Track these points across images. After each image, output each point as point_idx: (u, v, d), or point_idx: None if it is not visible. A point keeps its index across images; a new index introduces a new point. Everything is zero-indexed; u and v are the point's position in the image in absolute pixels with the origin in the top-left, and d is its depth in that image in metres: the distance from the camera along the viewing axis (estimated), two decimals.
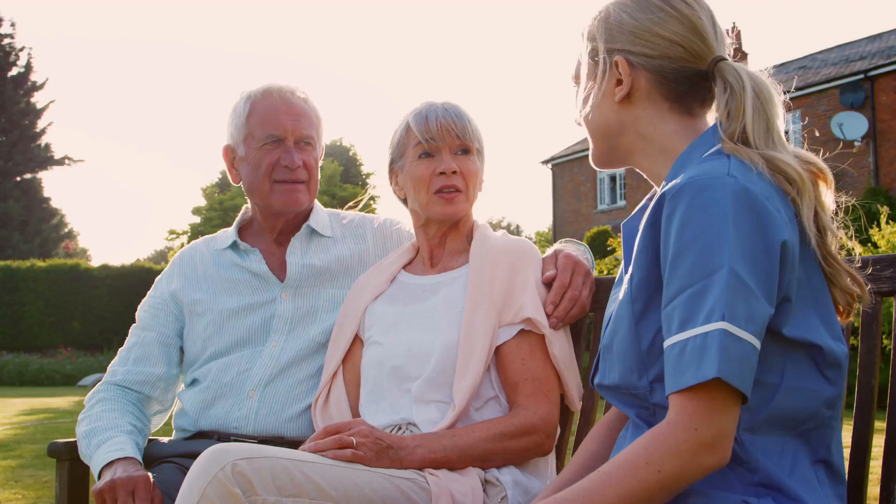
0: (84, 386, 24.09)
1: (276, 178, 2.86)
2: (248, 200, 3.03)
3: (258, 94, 2.90)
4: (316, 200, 3.04)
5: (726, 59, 1.90)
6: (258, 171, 2.87)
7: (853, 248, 1.87)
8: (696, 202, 1.65)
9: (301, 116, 2.90)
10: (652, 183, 1.99)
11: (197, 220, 40.17)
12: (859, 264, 1.89)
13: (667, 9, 1.92)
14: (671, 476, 1.58)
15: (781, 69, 33.55)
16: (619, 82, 1.95)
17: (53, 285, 30.97)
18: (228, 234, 3.04)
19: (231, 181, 3.03)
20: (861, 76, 27.52)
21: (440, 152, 2.57)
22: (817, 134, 28.01)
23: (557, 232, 37.61)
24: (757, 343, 1.59)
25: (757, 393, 1.68)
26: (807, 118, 28.70)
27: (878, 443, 2.13)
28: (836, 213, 1.85)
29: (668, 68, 1.91)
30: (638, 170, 2.03)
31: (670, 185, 1.72)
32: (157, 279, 3.09)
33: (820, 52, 33.50)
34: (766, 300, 1.61)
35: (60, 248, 47.77)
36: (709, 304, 1.59)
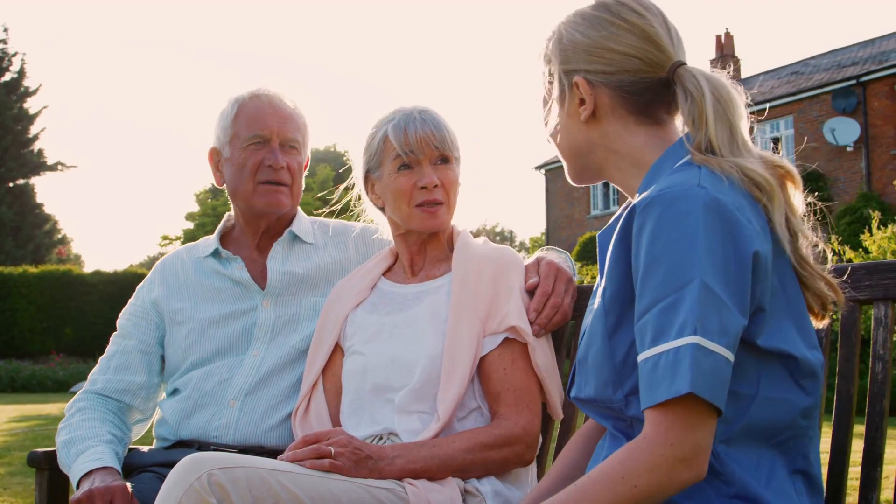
0: (75, 392, 23.98)
1: (259, 179, 2.85)
2: (231, 205, 3.02)
3: (246, 97, 2.91)
4: (299, 208, 3.04)
5: (684, 65, 1.89)
6: (242, 172, 2.86)
7: (825, 250, 1.86)
8: (666, 214, 1.64)
9: (287, 119, 2.90)
10: (627, 195, 1.98)
11: (190, 225, 40.20)
12: (831, 266, 1.89)
13: (617, 22, 1.91)
14: (647, 491, 1.57)
15: (774, 74, 33.64)
16: (582, 102, 1.93)
17: (45, 291, 30.88)
18: (210, 241, 3.02)
19: (215, 183, 3.03)
20: (853, 81, 27.57)
21: (420, 164, 2.54)
22: (808, 140, 28.04)
23: (551, 238, 37.61)
24: (730, 355, 1.58)
25: (732, 404, 1.67)
26: (799, 123, 28.75)
27: (858, 447, 2.12)
28: (807, 215, 1.84)
29: (628, 82, 1.90)
30: (613, 184, 2.02)
31: (641, 197, 1.71)
32: (138, 287, 3.08)
33: (812, 58, 33.55)
34: (738, 312, 1.61)
35: (53, 254, 47.66)
36: (681, 318, 1.58)
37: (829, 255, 1.88)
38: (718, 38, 37.55)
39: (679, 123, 1.94)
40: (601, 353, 1.81)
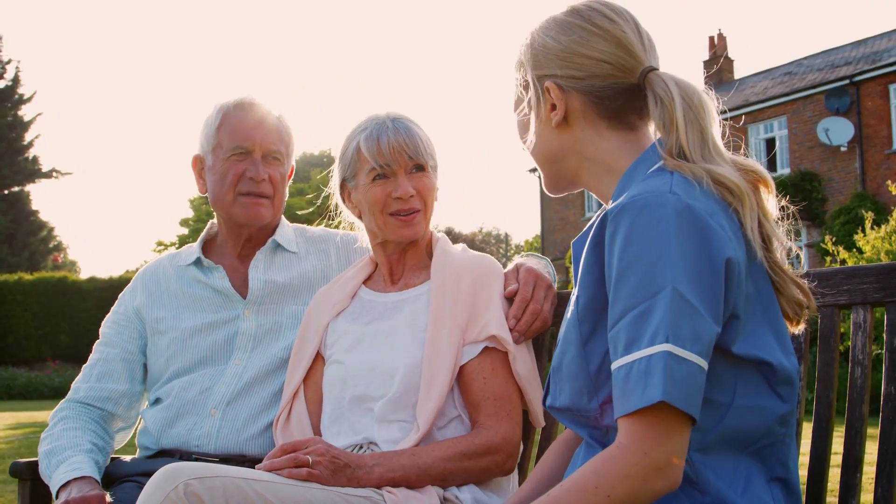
0: None
1: (240, 191, 2.84)
2: (214, 213, 3.01)
3: (230, 106, 2.89)
4: (283, 216, 3.02)
5: (655, 70, 1.87)
6: (224, 182, 2.85)
7: (799, 255, 1.85)
8: (637, 221, 1.64)
9: (271, 131, 2.88)
10: (601, 201, 1.98)
11: (185, 231, 40.11)
12: (812, 270, 1.89)
13: (588, 27, 1.90)
14: (621, 500, 1.57)
15: (767, 75, 33.65)
16: (554, 107, 1.93)
17: (41, 298, 30.87)
18: (192, 249, 3.01)
19: (198, 191, 3.02)
20: (846, 81, 27.57)
21: (394, 174, 2.52)
22: (801, 140, 28.07)
23: (545, 240, 37.59)
24: (703, 363, 1.57)
25: (708, 412, 1.66)
26: (793, 124, 28.76)
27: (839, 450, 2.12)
28: (781, 220, 1.83)
29: (599, 87, 1.89)
30: (588, 191, 2.01)
31: (613, 204, 1.70)
32: (120, 295, 3.07)
33: (805, 58, 33.55)
34: (711, 319, 1.60)
35: (49, 260, 47.61)
36: (653, 326, 1.57)
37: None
38: (711, 38, 37.57)
39: (652, 129, 1.93)
40: (575, 362, 1.80)
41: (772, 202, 1.82)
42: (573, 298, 1.84)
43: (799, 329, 1.86)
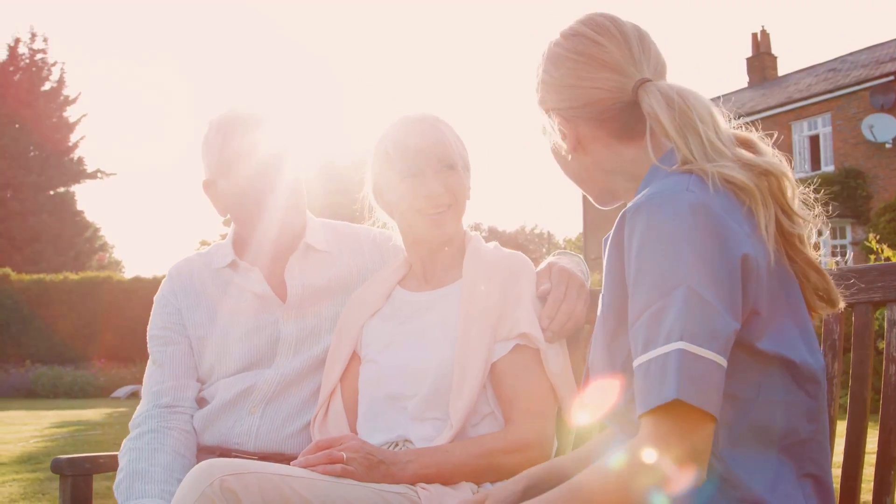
0: (117, 398, 24.24)
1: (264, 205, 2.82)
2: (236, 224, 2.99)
3: (227, 126, 2.84)
4: (308, 212, 2.99)
5: (644, 84, 1.88)
6: (245, 201, 2.84)
7: (819, 242, 1.85)
8: (654, 219, 1.65)
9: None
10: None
11: (227, 230, 40.36)
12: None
13: (574, 57, 1.94)
14: (640, 493, 1.58)
15: (811, 72, 33.36)
16: (564, 137, 1.98)
17: (86, 298, 31.16)
18: (225, 251, 2.97)
19: (219, 214, 2.97)
20: (891, 77, 27.29)
21: (423, 173, 2.54)
22: (846, 137, 27.77)
23: (588, 238, 37.50)
24: (721, 360, 1.58)
25: (734, 407, 1.67)
26: (837, 121, 28.49)
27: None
28: (813, 207, 1.83)
29: (598, 110, 1.93)
30: (626, 200, 2.02)
31: (631, 203, 1.72)
32: (157, 297, 3.02)
33: (850, 54, 33.23)
34: (729, 315, 1.61)
35: (94, 260, 48.10)
36: (668, 324, 1.59)
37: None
38: (754, 35, 37.37)
39: None
40: (603, 359, 1.82)
41: (789, 191, 1.80)
42: (600, 297, 1.86)
43: (828, 313, 1.87)
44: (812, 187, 1.86)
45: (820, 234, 1.83)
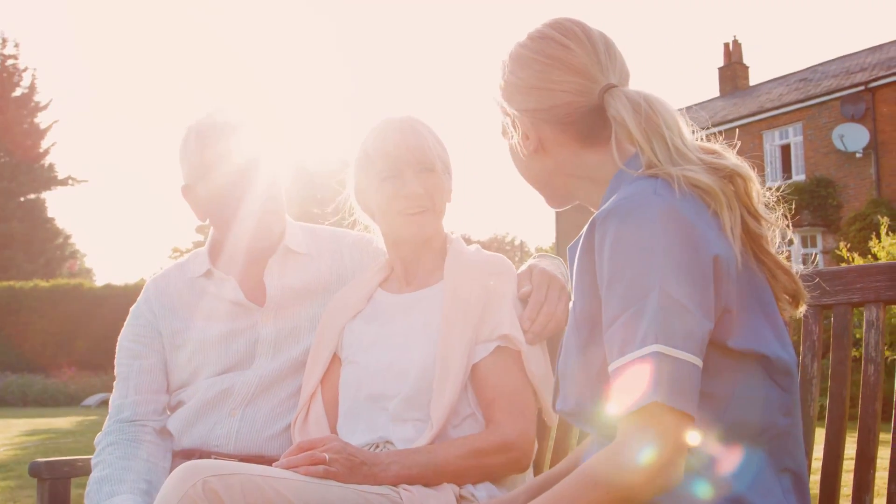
0: (88, 406, 24.07)
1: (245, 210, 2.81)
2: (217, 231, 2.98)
3: (205, 132, 2.83)
4: (286, 216, 2.98)
5: (610, 89, 1.89)
6: (226, 205, 2.83)
7: (791, 239, 1.87)
8: (624, 224, 1.67)
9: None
10: (594, 211, 2.00)
11: (201, 237, 40.25)
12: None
13: (541, 59, 1.94)
14: (620, 497, 1.60)
15: (783, 81, 33.62)
16: (528, 136, 1.98)
17: (57, 305, 30.95)
18: (201, 259, 2.97)
19: (198, 219, 2.98)
20: (862, 88, 27.55)
21: (402, 175, 2.55)
22: (817, 147, 28.01)
23: (560, 248, 37.56)
24: (696, 360, 1.60)
25: (710, 406, 1.69)
26: (808, 130, 28.72)
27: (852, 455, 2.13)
28: (776, 206, 1.85)
29: (563, 113, 1.93)
30: (583, 203, 2.05)
31: (600, 209, 1.74)
32: (132, 308, 3.01)
33: (821, 64, 33.53)
34: (703, 316, 1.63)
35: (65, 268, 47.79)
36: (643, 328, 1.60)
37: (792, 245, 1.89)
38: (726, 45, 37.63)
39: None
40: (577, 367, 1.83)
41: (754, 191, 1.82)
42: (571, 305, 1.87)
43: (800, 312, 1.88)
44: (780, 192, 1.88)
45: (784, 236, 1.85)
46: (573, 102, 1.92)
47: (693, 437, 1.63)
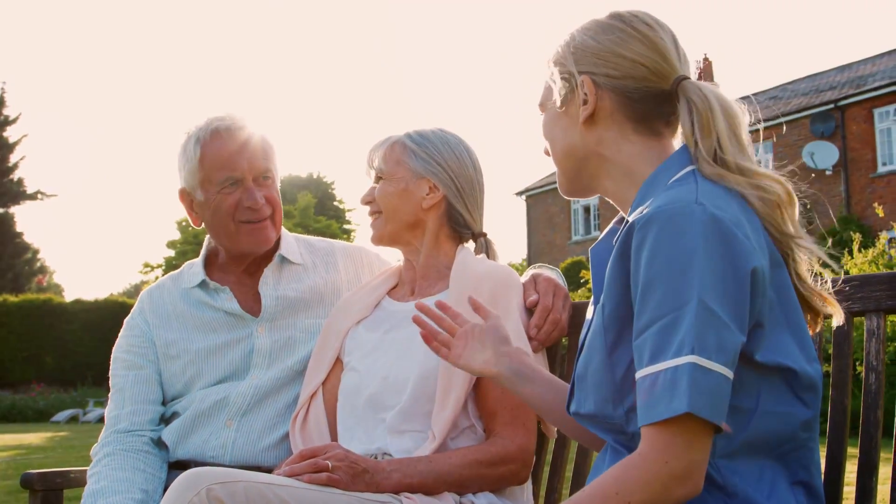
0: (57, 422, 23.86)
1: (240, 219, 2.79)
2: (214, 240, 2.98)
3: (206, 136, 2.80)
4: (283, 228, 2.97)
5: (689, 79, 1.91)
6: (221, 214, 2.80)
7: (820, 271, 1.88)
8: (664, 232, 1.66)
9: (255, 152, 2.81)
10: (618, 208, 2.00)
11: (171, 252, 39.99)
12: (828, 283, 1.91)
13: (628, 30, 1.93)
14: None
15: (753, 99, 33.84)
16: (585, 102, 1.95)
17: (26, 320, 30.74)
18: (195, 270, 2.95)
19: (193, 224, 2.95)
20: (831, 106, 27.79)
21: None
22: (787, 164, 28.22)
23: (532, 264, 37.68)
24: (729, 373, 1.60)
25: (733, 419, 1.68)
26: (778, 148, 28.92)
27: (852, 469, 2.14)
28: (810, 232, 1.87)
29: (632, 88, 1.92)
30: (605, 196, 2.02)
31: (639, 214, 1.72)
32: (126, 320, 3.00)
33: (790, 83, 33.81)
34: (737, 329, 1.62)
35: (33, 283, 47.43)
36: (679, 337, 1.59)
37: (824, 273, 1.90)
38: (697, 63, 37.80)
39: (676, 142, 1.96)
40: (601, 370, 1.81)
41: (794, 214, 1.85)
42: (598, 307, 1.85)
43: (817, 328, 1.90)
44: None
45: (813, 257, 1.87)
46: (647, 79, 1.91)
47: (715, 447, 1.63)
